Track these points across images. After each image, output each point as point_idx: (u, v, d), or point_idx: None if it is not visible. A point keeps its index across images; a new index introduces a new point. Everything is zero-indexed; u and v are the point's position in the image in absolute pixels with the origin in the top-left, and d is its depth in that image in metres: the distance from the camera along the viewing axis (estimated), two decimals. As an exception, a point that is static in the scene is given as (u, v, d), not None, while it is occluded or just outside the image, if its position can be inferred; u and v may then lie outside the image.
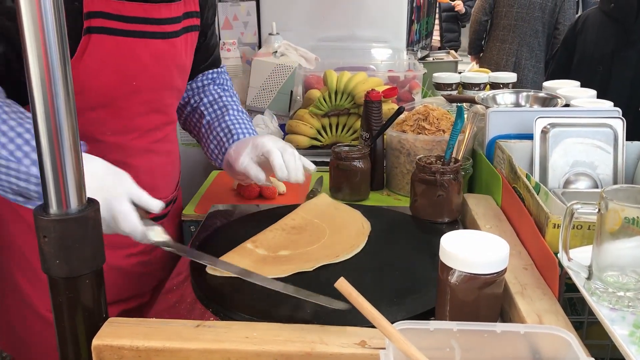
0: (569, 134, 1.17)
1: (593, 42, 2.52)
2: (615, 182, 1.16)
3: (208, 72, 1.32)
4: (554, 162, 1.17)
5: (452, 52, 3.84)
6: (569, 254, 0.77)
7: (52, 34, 0.63)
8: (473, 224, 1.11)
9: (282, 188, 1.44)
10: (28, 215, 0.73)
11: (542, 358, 0.65)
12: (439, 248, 0.75)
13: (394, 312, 0.82)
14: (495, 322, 0.77)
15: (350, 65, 2.04)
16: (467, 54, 4.38)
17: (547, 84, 1.69)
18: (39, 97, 0.65)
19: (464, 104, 1.65)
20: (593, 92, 1.52)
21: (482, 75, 2.06)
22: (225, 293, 0.90)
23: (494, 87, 2.01)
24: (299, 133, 1.74)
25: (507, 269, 0.75)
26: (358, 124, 1.70)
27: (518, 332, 0.65)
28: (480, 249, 0.74)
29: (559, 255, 0.78)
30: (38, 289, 1.10)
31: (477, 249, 0.73)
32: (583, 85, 1.63)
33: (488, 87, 2.05)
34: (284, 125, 1.82)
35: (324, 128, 1.76)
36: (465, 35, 5.17)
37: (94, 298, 0.73)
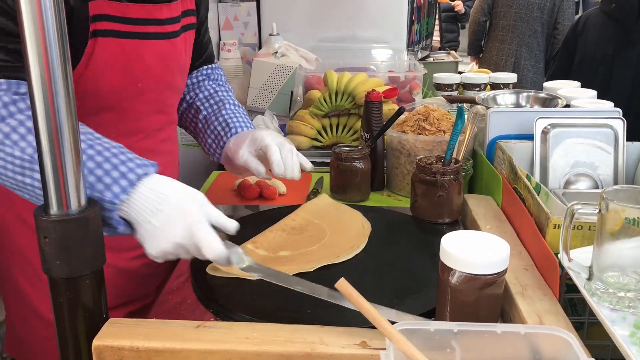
0: (570, 135, 1.17)
1: (594, 42, 2.52)
2: (616, 182, 1.16)
3: (202, 68, 1.33)
4: (555, 162, 1.17)
5: (452, 52, 3.84)
6: (570, 255, 0.77)
7: (52, 34, 0.63)
8: (473, 225, 1.11)
9: (282, 189, 1.44)
10: (30, 219, 0.72)
11: (542, 358, 0.65)
12: (440, 248, 0.75)
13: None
14: (496, 322, 0.77)
15: (351, 66, 2.04)
16: (466, 54, 4.38)
17: (547, 85, 1.69)
18: (39, 97, 0.65)
19: (465, 105, 1.65)
20: (593, 92, 1.52)
21: (482, 76, 2.06)
22: (226, 293, 0.90)
23: (495, 87, 2.02)
24: (300, 134, 1.74)
25: (507, 270, 0.75)
26: (358, 125, 1.70)
27: (518, 332, 0.65)
28: (481, 250, 0.74)
29: (560, 256, 0.78)
30: (40, 291, 1.10)
31: (477, 250, 0.73)
32: (584, 86, 1.63)
33: (488, 87, 2.05)
34: (285, 126, 1.82)
35: (325, 129, 1.76)
36: (464, 36, 5.17)
37: (95, 298, 0.74)
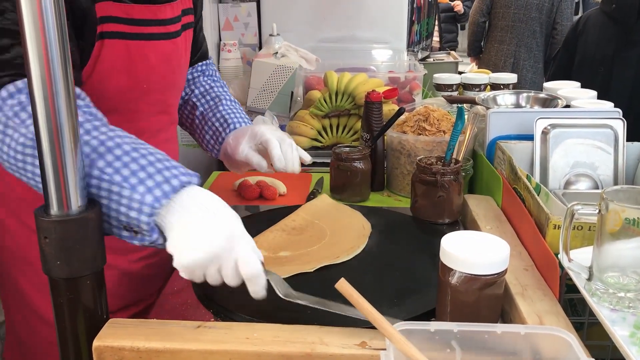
0: (570, 135, 1.18)
1: (594, 43, 2.52)
2: (616, 183, 1.16)
3: (197, 64, 1.33)
4: (555, 163, 1.17)
5: (452, 53, 3.84)
6: (570, 255, 0.77)
7: (52, 34, 0.63)
8: (473, 225, 1.11)
9: (282, 189, 1.44)
10: (31, 222, 0.72)
11: (542, 359, 0.65)
12: (440, 249, 0.75)
13: (395, 312, 0.82)
14: (496, 322, 0.77)
15: (351, 66, 2.04)
16: (465, 55, 4.38)
17: (547, 85, 1.69)
18: (39, 97, 0.65)
19: (465, 105, 1.65)
20: (593, 92, 1.52)
21: (482, 76, 2.06)
22: (226, 294, 0.89)
23: (495, 88, 2.01)
24: (300, 134, 1.74)
25: (507, 270, 0.75)
26: (358, 125, 1.70)
27: (518, 332, 0.65)
28: (481, 250, 0.74)
29: (560, 256, 0.78)
30: (40, 291, 1.10)
31: (477, 250, 0.73)
32: (584, 86, 1.63)
33: (488, 88, 2.05)
34: (285, 126, 1.83)
35: (325, 129, 1.76)
36: (463, 36, 5.17)
37: (95, 299, 0.74)
